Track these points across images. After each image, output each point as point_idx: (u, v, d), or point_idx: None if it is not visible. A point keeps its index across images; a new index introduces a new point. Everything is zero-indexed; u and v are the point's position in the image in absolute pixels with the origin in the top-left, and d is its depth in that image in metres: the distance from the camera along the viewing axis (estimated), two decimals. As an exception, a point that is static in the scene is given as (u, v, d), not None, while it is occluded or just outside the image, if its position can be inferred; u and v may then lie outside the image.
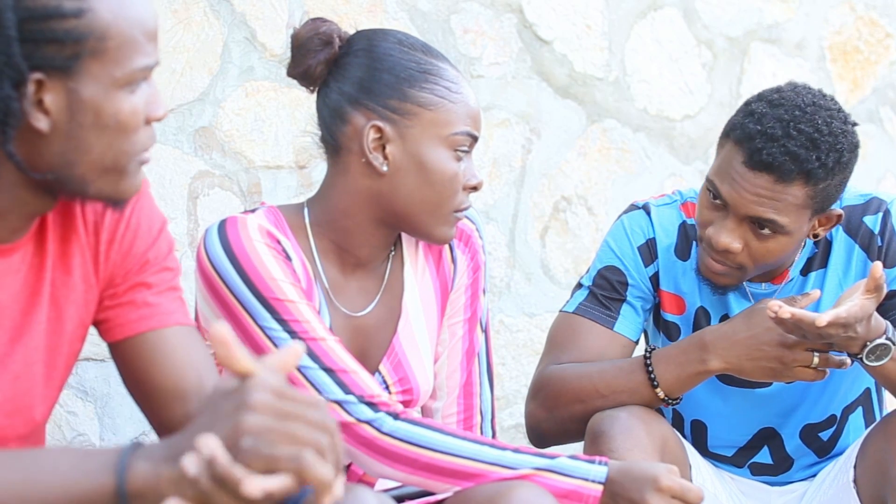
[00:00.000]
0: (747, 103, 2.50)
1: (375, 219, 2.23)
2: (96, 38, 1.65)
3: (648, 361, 2.51)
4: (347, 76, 2.22)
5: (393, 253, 2.33)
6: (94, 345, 1.95)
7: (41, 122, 1.65)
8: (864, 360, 2.42)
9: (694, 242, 2.63)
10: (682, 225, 2.65)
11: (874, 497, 2.49)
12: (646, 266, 2.63)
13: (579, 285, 2.66)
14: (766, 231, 2.45)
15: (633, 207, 2.68)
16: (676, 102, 3.79)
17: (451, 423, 2.39)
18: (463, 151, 2.22)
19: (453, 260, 2.38)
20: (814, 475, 2.72)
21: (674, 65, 3.79)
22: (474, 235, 2.39)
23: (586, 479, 2.16)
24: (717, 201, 2.47)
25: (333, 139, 2.23)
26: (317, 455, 1.51)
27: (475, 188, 2.24)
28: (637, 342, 2.65)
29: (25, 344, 1.79)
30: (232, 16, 3.07)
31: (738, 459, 2.74)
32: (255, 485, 1.47)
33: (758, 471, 2.74)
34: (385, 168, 2.20)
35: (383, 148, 2.20)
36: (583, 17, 3.62)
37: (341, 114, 2.21)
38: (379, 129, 2.19)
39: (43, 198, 1.74)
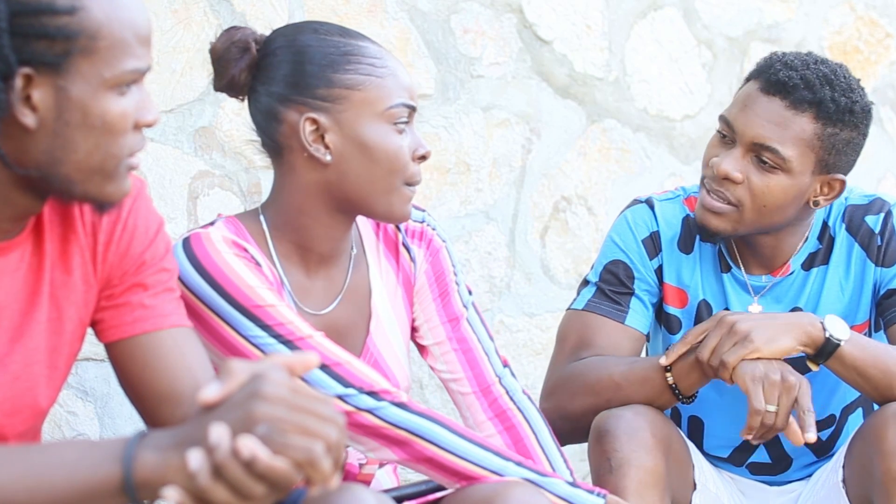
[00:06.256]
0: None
1: (331, 209, 2.23)
2: (87, 37, 1.65)
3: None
4: (272, 76, 2.21)
5: (355, 252, 2.32)
6: (94, 345, 1.95)
7: (28, 118, 1.65)
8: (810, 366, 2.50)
9: (698, 237, 2.63)
10: (686, 219, 2.67)
11: (862, 497, 2.49)
12: (650, 259, 2.64)
13: (585, 282, 2.67)
14: (768, 164, 2.47)
15: (636, 202, 2.70)
16: (676, 102, 3.79)
17: (471, 400, 2.39)
18: (403, 123, 2.21)
19: (412, 259, 2.38)
20: (811, 475, 2.72)
21: (674, 65, 3.79)
22: (435, 238, 2.39)
23: None
24: (726, 138, 2.53)
25: (273, 141, 2.23)
26: (325, 449, 1.52)
27: (424, 157, 2.23)
28: (648, 335, 2.66)
29: (25, 344, 1.79)
30: (232, 16, 3.07)
31: (736, 458, 2.74)
32: (263, 456, 1.48)
33: (756, 470, 2.74)
34: (329, 158, 2.19)
35: (322, 138, 2.19)
36: (583, 17, 3.62)
37: (274, 114, 2.21)
38: (314, 121, 2.18)
39: (31, 197, 1.74)
